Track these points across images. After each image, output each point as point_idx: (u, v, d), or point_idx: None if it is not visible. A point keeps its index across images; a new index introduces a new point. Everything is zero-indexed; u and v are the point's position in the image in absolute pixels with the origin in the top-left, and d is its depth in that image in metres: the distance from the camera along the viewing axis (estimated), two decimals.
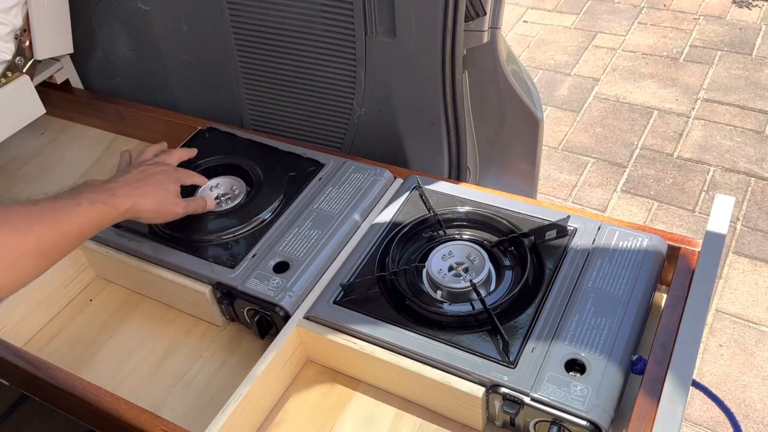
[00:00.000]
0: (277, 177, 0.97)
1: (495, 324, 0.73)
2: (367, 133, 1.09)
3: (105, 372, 0.85)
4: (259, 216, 0.91)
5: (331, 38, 1.01)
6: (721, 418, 1.53)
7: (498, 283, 0.81)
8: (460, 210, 0.89)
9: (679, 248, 0.82)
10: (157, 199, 0.83)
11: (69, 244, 0.73)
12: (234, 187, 0.97)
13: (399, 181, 0.98)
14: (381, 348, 0.75)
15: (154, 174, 0.85)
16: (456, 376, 0.71)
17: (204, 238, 0.90)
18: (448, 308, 0.78)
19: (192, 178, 0.93)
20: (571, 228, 0.84)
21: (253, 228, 0.90)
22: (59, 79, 1.30)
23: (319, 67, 1.05)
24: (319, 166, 0.99)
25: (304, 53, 1.05)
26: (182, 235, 0.90)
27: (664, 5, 3.00)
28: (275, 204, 0.93)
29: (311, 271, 0.84)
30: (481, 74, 1.02)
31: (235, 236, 0.89)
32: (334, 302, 0.80)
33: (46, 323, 0.92)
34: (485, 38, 0.96)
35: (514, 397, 0.68)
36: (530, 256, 0.81)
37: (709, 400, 1.10)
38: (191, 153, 0.99)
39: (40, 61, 1.18)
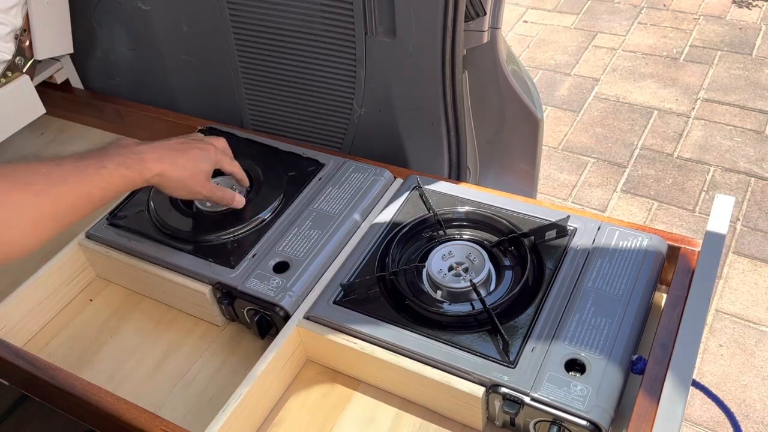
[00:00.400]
0: (277, 177, 0.97)
1: (495, 324, 0.73)
2: (367, 133, 1.09)
3: (105, 372, 0.85)
4: (259, 216, 0.91)
5: (331, 38, 1.01)
6: (721, 418, 1.53)
7: (498, 283, 0.81)
8: (460, 210, 0.89)
9: (679, 248, 0.82)
10: (186, 173, 0.81)
11: (89, 206, 0.72)
12: (234, 187, 0.97)
13: (399, 181, 0.98)
14: (381, 348, 0.75)
15: (192, 149, 0.83)
16: (456, 376, 0.71)
17: (204, 238, 0.90)
18: (448, 308, 0.78)
19: (232, 166, 0.90)
20: (571, 228, 0.84)
21: (253, 228, 0.90)
22: (59, 79, 1.30)
23: (319, 67, 1.05)
24: (319, 165, 0.99)
25: (304, 53, 1.05)
26: (183, 235, 0.90)
27: (664, 5, 3.00)
28: (275, 204, 0.93)
29: (311, 271, 0.84)
30: (481, 74, 1.02)
31: (235, 236, 0.89)
32: (334, 302, 0.80)
33: (46, 323, 0.92)
34: (485, 38, 0.96)
35: (514, 397, 0.68)
36: (530, 256, 0.81)
37: (709, 400, 1.10)
38: (243, 178, 0.93)
39: (40, 61, 1.18)
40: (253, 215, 0.91)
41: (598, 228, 0.84)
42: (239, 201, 0.91)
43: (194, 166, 0.82)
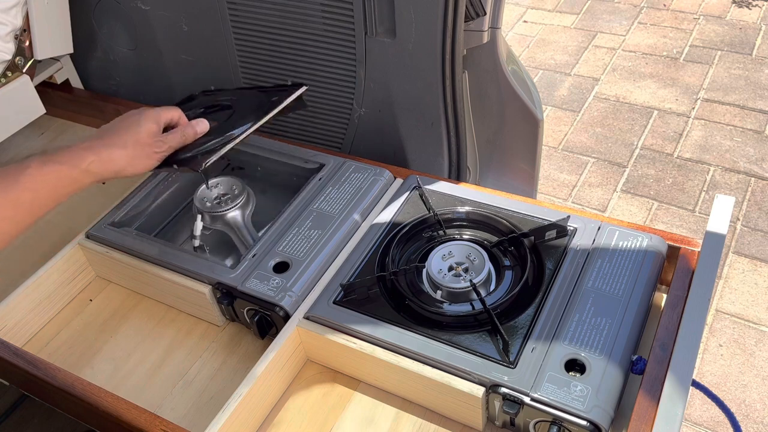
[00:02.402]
0: (258, 101, 0.91)
1: (495, 324, 0.73)
2: (367, 133, 1.09)
3: (105, 372, 0.85)
4: (232, 132, 0.85)
5: (331, 38, 1.01)
6: (721, 418, 1.53)
7: (498, 283, 0.81)
8: (460, 210, 0.89)
9: (679, 248, 0.82)
10: (128, 146, 0.73)
11: (24, 214, 0.65)
12: (234, 186, 0.97)
13: (399, 181, 0.98)
14: (381, 348, 0.75)
15: (123, 119, 0.76)
16: (456, 376, 0.71)
17: (186, 151, 0.82)
18: (448, 308, 0.78)
19: (169, 112, 0.79)
20: (571, 228, 0.84)
21: (223, 140, 0.83)
22: (59, 79, 1.30)
23: (319, 67, 1.05)
24: (298, 86, 0.92)
25: (304, 53, 1.05)
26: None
27: (664, 5, 3.00)
28: (250, 122, 0.86)
29: (311, 271, 0.84)
30: (481, 74, 1.02)
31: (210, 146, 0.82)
32: (334, 302, 0.80)
33: (46, 323, 0.92)
34: (485, 38, 0.96)
35: (514, 397, 0.68)
36: (530, 256, 0.81)
37: (709, 400, 1.10)
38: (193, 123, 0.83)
39: (40, 61, 1.18)
40: (228, 130, 0.85)
41: (598, 228, 0.84)
42: (203, 126, 0.82)
43: (133, 135, 0.74)
